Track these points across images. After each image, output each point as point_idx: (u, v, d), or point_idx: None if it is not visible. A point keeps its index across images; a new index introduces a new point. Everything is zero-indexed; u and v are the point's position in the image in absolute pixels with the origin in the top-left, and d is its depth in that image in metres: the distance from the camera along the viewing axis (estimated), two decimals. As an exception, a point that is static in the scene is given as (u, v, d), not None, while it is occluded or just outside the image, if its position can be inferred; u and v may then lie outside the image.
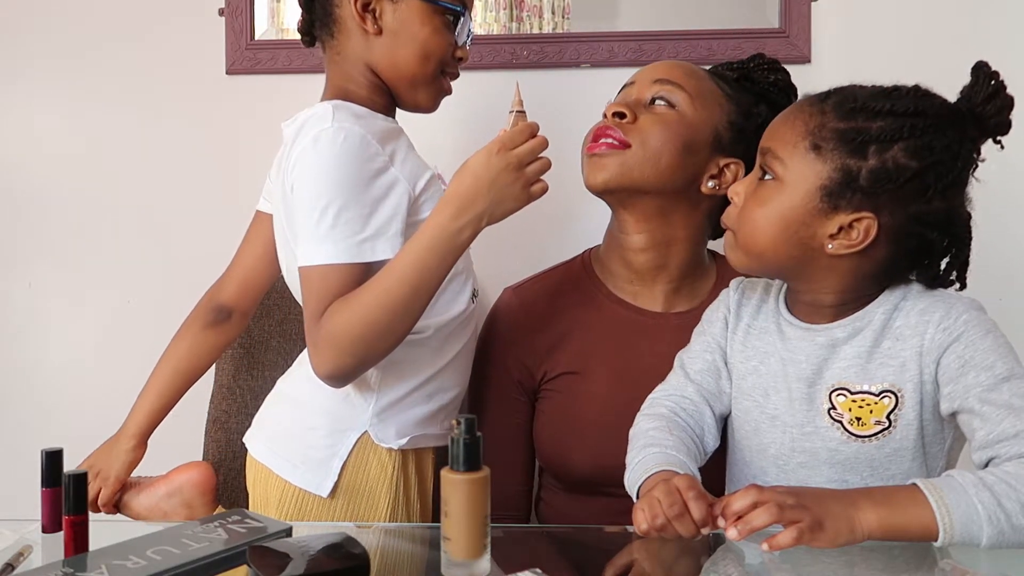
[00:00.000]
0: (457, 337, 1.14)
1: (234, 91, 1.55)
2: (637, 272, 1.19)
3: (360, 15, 1.08)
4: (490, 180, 0.98)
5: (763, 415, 0.98)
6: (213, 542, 0.80)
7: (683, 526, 0.81)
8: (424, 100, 1.13)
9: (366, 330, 0.97)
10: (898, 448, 0.91)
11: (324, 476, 1.07)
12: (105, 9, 1.57)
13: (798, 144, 0.91)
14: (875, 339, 0.92)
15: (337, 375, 1.00)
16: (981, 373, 0.86)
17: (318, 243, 0.99)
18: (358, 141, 1.01)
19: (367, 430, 1.08)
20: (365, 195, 1.00)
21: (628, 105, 1.13)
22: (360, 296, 0.97)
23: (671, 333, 1.14)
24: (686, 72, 1.16)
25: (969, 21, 1.46)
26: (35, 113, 1.61)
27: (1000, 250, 1.39)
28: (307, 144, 1.01)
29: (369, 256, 1.00)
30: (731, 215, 0.97)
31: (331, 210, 0.99)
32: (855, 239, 0.89)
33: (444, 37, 1.10)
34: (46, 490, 0.82)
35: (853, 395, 0.92)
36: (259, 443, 1.14)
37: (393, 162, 1.04)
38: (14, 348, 1.62)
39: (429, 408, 1.12)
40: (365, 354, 0.99)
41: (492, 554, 0.76)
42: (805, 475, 0.95)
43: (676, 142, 1.12)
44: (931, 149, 0.88)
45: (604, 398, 1.16)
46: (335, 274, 0.99)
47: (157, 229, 1.59)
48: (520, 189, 0.99)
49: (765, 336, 1.00)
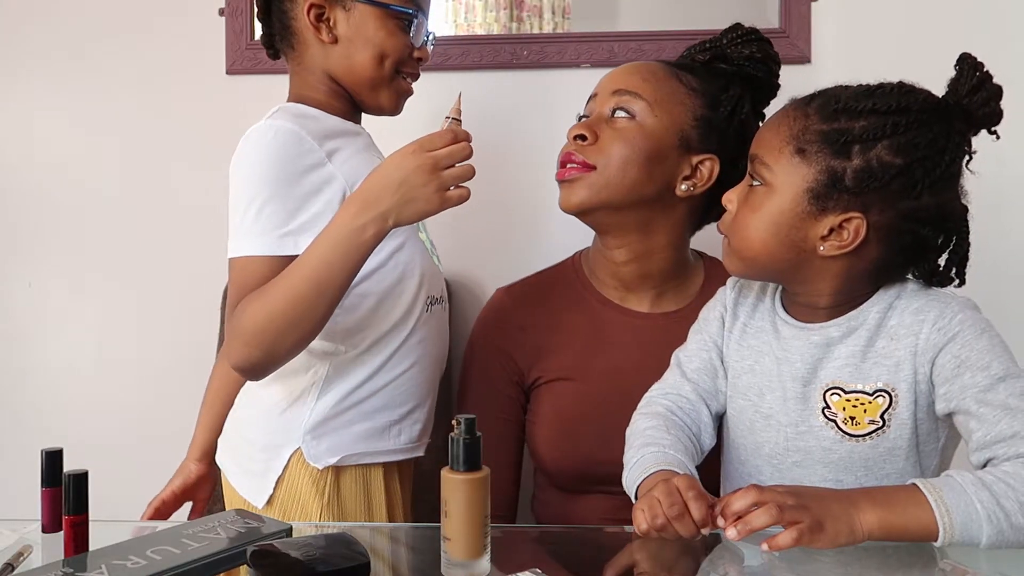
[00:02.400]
0: (408, 350, 1.11)
1: (234, 91, 1.55)
2: (622, 280, 1.20)
3: (314, 25, 1.09)
4: (400, 179, 0.95)
5: (758, 414, 0.98)
6: (213, 542, 0.80)
7: (683, 526, 0.81)
8: (386, 102, 1.14)
9: (270, 323, 0.96)
10: (892, 447, 0.91)
11: (260, 488, 1.08)
12: (105, 9, 1.57)
13: (783, 149, 0.91)
14: (869, 338, 0.93)
15: (245, 367, 1.00)
16: (977, 374, 0.86)
17: (241, 236, 1.01)
18: (288, 137, 1.02)
19: (299, 447, 1.07)
20: (292, 190, 1.01)
21: (589, 125, 1.13)
22: (267, 290, 0.97)
23: (660, 333, 1.15)
24: (644, 77, 1.14)
25: (969, 21, 1.46)
26: (35, 113, 1.61)
27: (998, 247, 1.39)
28: (241, 141, 1.04)
29: (291, 249, 0.99)
30: (725, 222, 0.97)
31: (255, 204, 1.00)
32: (846, 240, 0.89)
33: (399, 39, 1.10)
34: (46, 490, 0.82)
35: (847, 394, 0.92)
36: (220, 448, 1.18)
37: (332, 159, 1.04)
38: (14, 348, 1.62)
39: (372, 424, 1.10)
40: (271, 347, 0.98)
41: (492, 554, 0.76)
42: (800, 474, 0.95)
43: (639, 155, 1.11)
44: (915, 145, 0.87)
45: (596, 398, 1.16)
46: (254, 266, 1.00)
47: (157, 229, 1.59)
48: (432, 192, 0.95)
49: (761, 335, 1.00)
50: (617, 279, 1.20)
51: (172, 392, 1.53)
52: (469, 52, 1.49)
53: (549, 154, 1.20)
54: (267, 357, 0.99)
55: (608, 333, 1.19)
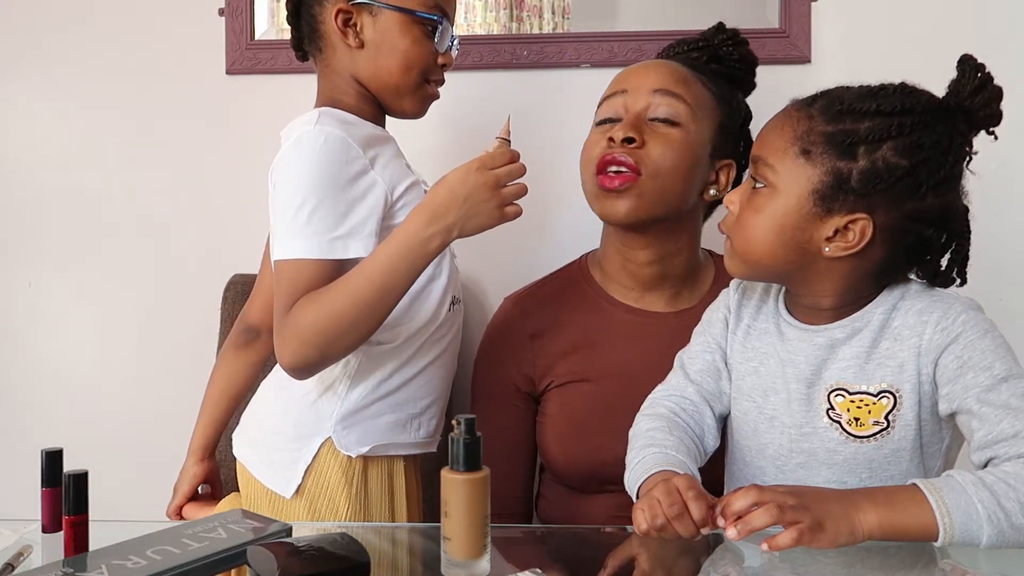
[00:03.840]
0: (431, 345, 1.15)
1: (234, 91, 1.55)
2: (641, 282, 1.19)
3: (341, 30, 1.11)
4: (465, 194, 1.00)
5: (761, 416, 0.98)
6: (213, 542, 0.80)
7: (683, 526, 0.81)
8: (410, 107, 1.16)
9: (331, 324, 0.99)
10: (896, 449, 0.91)
11: (289, 479, 1.10)
12: (105, 9, 1.57)
13: (787, 150, 0.91)
14: (873, 339, 0.92)
15: (299, 366, 1.02)
16: (980, 374, 0.86)
17: (292, 238, 1.02)
18: (338, 144, 1.04)
19: (330, 436, 1.09)
20: (342, 195, 1.03)
21: (635, 127, 1.11)
22: (329, 291, 1.00)
23: (673, 332, 1.14)
24: (682, 79, 1.14)
25: (969, 21, 1.46)
26: (35, 113, 1.61)
27: (1000, 248, 1.39)
28: (290, 145, 1.06)
29: (341, 253, 1.02)
30: (728, 223, 0.97)
31: (307, 207, 1.02)
32: (851, 241, 0.89)
33: (424, 46, 1.12)
34: (46, 490, 0.82)
35: (851, 395, 0.92)
36: (240, 442, 1.19)
37: (374, 166, 1.07)
38: (14, 348, 1.62)
39: (397, 417, 1.13)
40: (328, 348, 1.01)
41: (492, 554, 0.76)
42: (804, 475, 0.95)
43: (686, 162, 1.11)
44: (920, 146, 0.87)
45: (610, 400, 1.15)
46: (306, 269, 1.02)
47: (157, 229, 1.59)
48: (494, 207, 1.01)
49: (764, 337, 1.00)
50: (636, 280, 1.19)
51: (172, 392, 1.53)
52: (469, 52, 1.49)
53: (549, 154, 1.21)
54: (322, 357, 1.02)
55: (622, 335, 1.19)
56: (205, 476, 1.28)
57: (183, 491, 1.26)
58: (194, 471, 1.27)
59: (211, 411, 1.29)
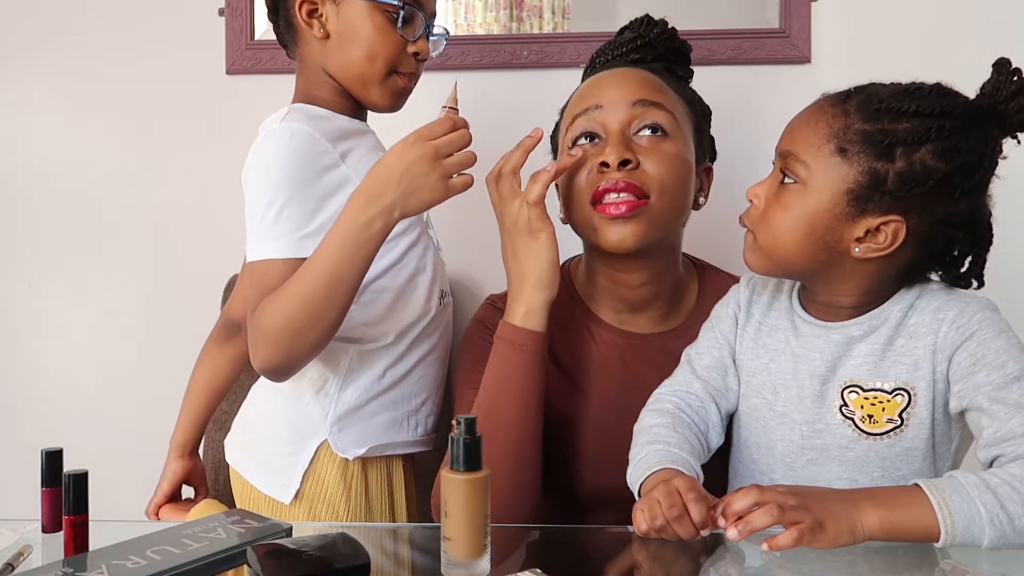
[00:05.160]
0: (422, 341, 1.13)
1: (234, 91, 1.55)
2: (630, 303, 1.13)
3: (307, 22, 1.09)
4: (402, 170, 0.95)
5: (771, 412, 0.97)
6: (213, 542, 0.80)
7: (682, 528, 0.81)
8: (379, 99, 1.11)
9: (287, 323, 0.96)
10: (909, 447, 0.91)
11: (286, 484, 1.08)
12: (105, 9, 1.57)
13: (822, 147, 0.89)
14: (889, 337, 0.92)
15: (268, 368, 1.00)
16: (992, 372, 0.86)
17: (261, 239, 1.01)
18: (304, 140, 1.02)
19: (326, 439, 1.08)
20: (309, 192, 1.01)
21: (626, 147, 1.04)
22: (283, 290, 0.97)
23: (658, 353, 1.12)
24: (657, 86, 1.08)
25: (969, 21, 1.46)
26: (35, 113, 1.61)
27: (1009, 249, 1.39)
28: (256, 143, 1.04)
29: (310, 251, 0.99)
30: (752, 217, 0.94)
31: (274, 206, 1.00)
32: (883, 243, 0.88)
33: (388, 34, 1.08)
34: (46, 490, 0.82)
35: (865, 392, 0.92)
36: (233, 447, 1.17)
37: (346, 160, 1.05)
38: (14, 348, 1.62)
39: (393, 415, 1.12)
40: (291, 346, 0.97)
41: (492, 554, 0.76)
42: (814, 472, 0.94)
43: (685, 177, 1.07)
44: (959, 150, 0.86)
45: (597, 422, 1.11)
46: (274, 269, 1.00)
47: (157, 229, 1.59)
48: (436, 180, 0.95)
49: (776, 333, 0.99)
50: (624, 302, 1.13)
51: (172, 392, 1.51)
52: (469, 52, 1.49)
53: (548, 154, 1.20)
54: (288, 357, 0.99)
55: (609, 357, 1.13)
56: (185, 473, 1.26)
57: (163, 489, 1.25)
58: (174, 468, 1.25)
59: (192, 406, 1.27)
